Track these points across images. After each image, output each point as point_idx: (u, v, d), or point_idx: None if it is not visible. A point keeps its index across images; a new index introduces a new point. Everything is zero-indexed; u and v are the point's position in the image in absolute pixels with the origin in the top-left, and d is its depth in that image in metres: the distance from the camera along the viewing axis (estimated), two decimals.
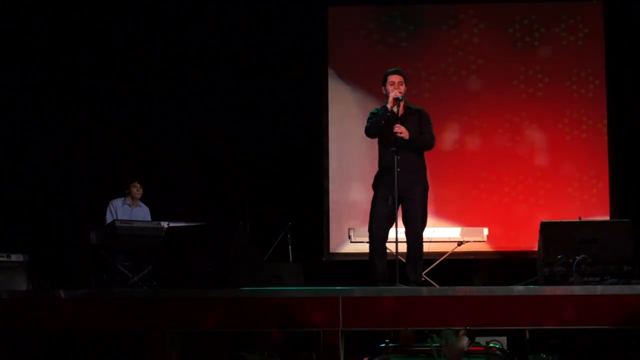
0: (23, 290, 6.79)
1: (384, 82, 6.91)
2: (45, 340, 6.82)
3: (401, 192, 6.65)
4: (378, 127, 6.84)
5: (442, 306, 5.71)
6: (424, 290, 6.02)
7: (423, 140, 6.87)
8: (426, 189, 6.89)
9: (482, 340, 6.64)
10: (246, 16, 10.13)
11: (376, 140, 6.97)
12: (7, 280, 6.86)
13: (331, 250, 9.96)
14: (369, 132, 6.91)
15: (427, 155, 6.99)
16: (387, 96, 6.85)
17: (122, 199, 8.60)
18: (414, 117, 6.90)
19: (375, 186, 6.90)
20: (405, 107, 6.92)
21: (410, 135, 6.74)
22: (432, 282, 8.41)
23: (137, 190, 8.58)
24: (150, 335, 5.82)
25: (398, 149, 6.67)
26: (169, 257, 6.28)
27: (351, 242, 8.88)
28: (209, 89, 10.11)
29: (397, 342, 6.61)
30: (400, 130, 6.70)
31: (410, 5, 10.28)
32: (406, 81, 6.93)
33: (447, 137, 7.09)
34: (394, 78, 6.87)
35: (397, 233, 6.67)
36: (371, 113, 6.99)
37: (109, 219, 8.41)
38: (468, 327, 5.81)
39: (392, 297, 5.79)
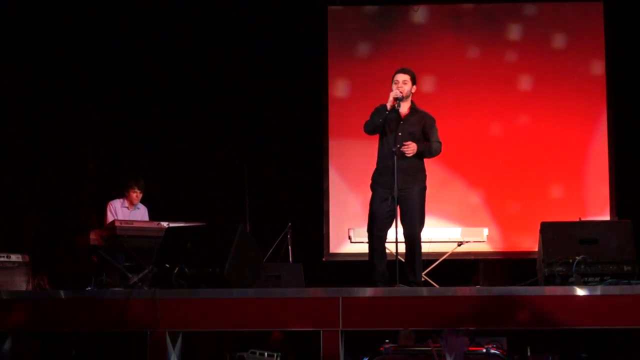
0: (23, 290, 6.78)
1: (392, 80, 6.87)
2: (45, 340, 6.83)
3: (399, 192, 6.63)
4: (375, 124, 6.79)
5: (442, 306, 5.72)
6: (424, 291, 6.02)
7: (429, 149, 6.81)
8: (424, 189, 6.85)
9: (482, 340, 6.64)
10: (245, 15, 10.14)
11: (376, 139, 6.95)
12: (7, 280, 6.85)
13: (331, 251, 9.95)
14: (366, 128, 6.87)
15: None
16: None
17: (121, 200, 8.58)
18: (418, 119, 6.85)
19: (373, 186, 6.87)
20: (411, 108, 6.87)
21: (417, 149, 6.70)
22: (432, 282, 8.40)
23: (136, 196, 8.55)
24: (150, 335, 5.82)
25: (398, 150, 6.64)
26: (168, 257, 6.27)
27: (351, 242, 8.87)
28: (208, 90, 10.11)
29: (396, 343, 6.61)
30: (408, 151, 6.67)
31: (411, 4, 10.28)
32: (414, 81, 6.84)
33: (447, 138, 7.12)
34: (399, 77, 6.81)
35: (397, 233, 6.66)
36: (376, 108, 6.92)
37: (110, 219, 8.39)
38: (468, 327, 5.82)
39: (392, 297, 5.80)
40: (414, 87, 6.85)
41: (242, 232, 6.23)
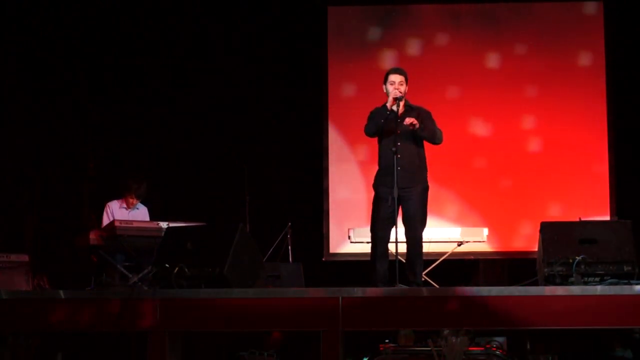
0: (23, 290, 6.79)
1: (385, 81, 6.90)
2: (45, 340, 6.83)
3: (401, 192, 6.64)
4: (377, 126, 6.84)
5: (442, 306, 5.72)
6: (424, 291, 6.02)
7: (431, 131, 6.83)
8: (426, 189, 6.87)
9: (482, 340, 6.64)
10: (245, 15, 10.14)
11: (376, 139, 6.97)
12: (7, 280, 6.86)
13: (331, 251, 9.95)
14: (368, 130, 6.91)
15: (427, 155, 6.99)
16: (388, 95, 6.85)
17: (119, 201, 8.55)
18: (414, 115, 6.87)
19: (375, 186, 6.90)
20: (405, 105, 6.91)
21: (420, 126, 6.71)
22: (432, 282, 8.41)
23: (132, 201, 8.49)
24: (150, 335, 5.82)
25: (398, 149, 6.66)
26: (168, 257, 6.27)
27: (351, 242, 8.87)
28: (209, 89, 10.11)
29: (396, 343, 6.62)
30: (412, 121, 6.66)
31: (410, 4, 10.28)
32: (407, 81, 6.90)
33: (447, 137, 7.13)
34: (395, 77, 6.86)
35: (397, 233, 6.66)
36: (371, 112, 6.99)
37: (105, 221, 8.37)
38: (468, 327, 5.82)
39: (392, 297, 5.80)
40: (407, 86, 6.90)
41: (242, 232, 6.24)
